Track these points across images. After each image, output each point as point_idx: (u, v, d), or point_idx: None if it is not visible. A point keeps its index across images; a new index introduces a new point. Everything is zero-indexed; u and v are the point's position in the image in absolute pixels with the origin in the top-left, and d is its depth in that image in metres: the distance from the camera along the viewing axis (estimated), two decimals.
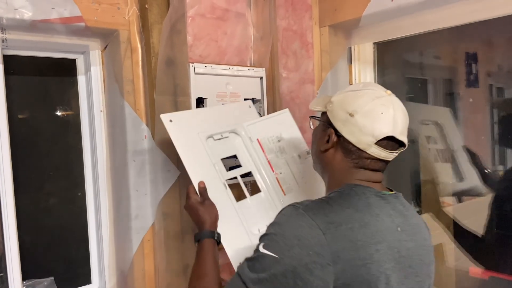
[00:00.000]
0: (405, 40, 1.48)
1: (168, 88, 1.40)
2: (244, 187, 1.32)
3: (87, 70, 1.43)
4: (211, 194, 1.18)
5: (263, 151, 1.38)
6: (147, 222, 1.38)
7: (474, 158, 1.79)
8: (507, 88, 1.87)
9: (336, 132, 0.92)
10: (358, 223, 0.81)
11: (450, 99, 1.99)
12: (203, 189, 1.15)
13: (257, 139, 1.38)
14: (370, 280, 0.78)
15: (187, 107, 1.45)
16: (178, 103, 1.43)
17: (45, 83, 1.44)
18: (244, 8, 1.71)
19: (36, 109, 1.42)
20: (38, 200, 1.42)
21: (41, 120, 1.43)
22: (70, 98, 1.46)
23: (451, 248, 1.76)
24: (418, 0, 1.24)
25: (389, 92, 0.92)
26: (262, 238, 0.84)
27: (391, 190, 0.94)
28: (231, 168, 1.34)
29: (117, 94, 1.36)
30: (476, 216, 1.71)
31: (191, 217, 1.13)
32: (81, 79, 1.45)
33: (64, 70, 1.45)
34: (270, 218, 1.13)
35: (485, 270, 1.61)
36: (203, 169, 1.22)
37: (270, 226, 0.85)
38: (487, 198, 1.66)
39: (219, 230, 1.11)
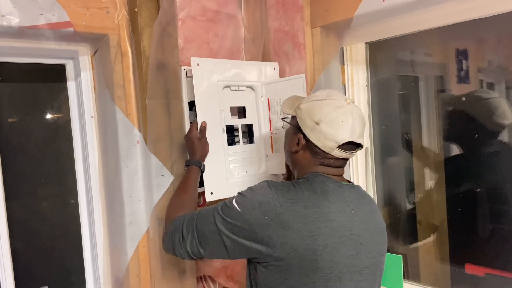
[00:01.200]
0: (397, 39, 1.47)
1: (160, 92, 1.38)
2: (241, 134, 1.52)
3: (77, 75, 1.41)
4: (210, 133, 1.38)
5: (269, 110, 1.54)
6: (142, 228, 1.37)
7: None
8: (497, 83, 1.88)
9: (305, 137, 1.08)
10: (312, 203, 1.00)
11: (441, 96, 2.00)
12: (203, 128, 1.37)
13: (268, 99, 1.54)
14: (315, 248, 0.97)
15: (180, 111, 1.44)
16: (171, 107, 1.41)
17: (34, 89, 1.42)
18: (235, 10, 1.70)
19: (27, 116, 1.40)
20: (30, 208, 1.41)
21: (32, 127, 1.41)
22: (61, 104, 1.44)
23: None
24: (409, 0, 1.23)
25: (348, 100, 1.07)
26: (238, 194, 1.06)
27: (351, 182, 1.13)
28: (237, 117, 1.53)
29: (108, 99, 1.35)
30: None
31: (187, 146, 1.36)
32: (71, 85, 1.43)
33: (53, 76, 1.43)
34: (252, 166, 1.54)
35: (480, 267, 1.62)
36: (210, 112, 1.40)
37: (246, 189, 1.07)
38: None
39: (206, 163, 1.36)
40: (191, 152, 1.34)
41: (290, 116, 1.17)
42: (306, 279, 0.98)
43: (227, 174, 1.44)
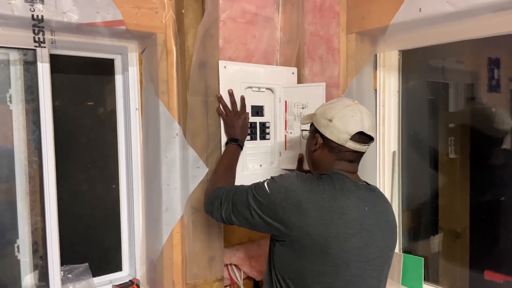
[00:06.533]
0: (430, 47, 1.51)
1: (200, 89, 1.47)
2: (258, 131, 1.66)
3: (125, 69, 1.51)
4: None
5: (286, 111, 1.68)
6: (177, 215, 1.46)
7: None
8: None
9: (321, 135, 1.22)
10: (330, 196, 1.13)
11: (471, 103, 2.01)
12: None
13: (285, 101, 1.68)
14: (327, 236, 1.09)
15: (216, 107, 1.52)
16: (209, 104, 1.50)
17: (85, 80, 1.53)
18: (272, 13, 1.77)
19: (77, 105, 1.51)
20: (76, 191, 1.52)
21: (81, 115, 1.52)
22: (108, 95, 1.54)
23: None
24: (446, 11, 1.26)
25: (356, 102, 1.23)
26: (270, 178, 1.21)
27: (368, 184, 1.25)
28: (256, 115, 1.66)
29: (152, 93, 1.44)
30: None
31: (239, 126, 1.51)
32: (118, 78, 1.54)
33: (103, 69, 1.53)
34: (266, 160, 1.70)
35: (500, 274, 1.65)
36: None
37: (278, 175, 1.21)
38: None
39: None
40: (241, 133, 1.51)
41: (309, 127, 1.32)
42: (317, 261, 1.11)
43: (243, 166, 1.58)
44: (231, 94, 1.52)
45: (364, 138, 1.19)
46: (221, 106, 1.51)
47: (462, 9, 1.24)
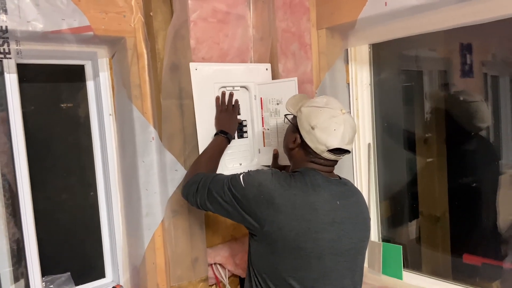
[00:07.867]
0: (400, 38, 1.53)
1: (173, 92, 1.46)
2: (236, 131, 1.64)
3: (96, 75, 1.49)
4: (208, 129, 1.56)
5: (262, 108, 1.69)
6: (157, 219, 1.46)
7: None
8: (502, 76, 1.92)
9: (301, 137, 1.24)
10: (302, 192, 1.16)
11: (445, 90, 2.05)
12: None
13: (261, 98, 1.68)
14: (298, 230, 1.13)
15: (192, 110, 1.52)
16: (183, 106, 1.49)
17: (56, 88, 1.50)
18: (244, 10, 1.76)
19: (49, 113, 1.49)
20: (53, 199, 1.50)
21: (54, 124, 1.50)
22: (81, 102, 1.53)
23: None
24: (411, 4, 1.29)
25: (344, 111, 1.22)
26: (246, 172, 1.26)
27: (340, 178, 1.28)
28: None
29: (125, 98, 1.42)
30: None
31: (228, 120, 1.57)
32: (90, 84, 1.52)
33: (73, 76, 1.51)
34: (245, 158, 1.71)
35: (477, 257, 1.70)
36: (208, 110, 1.57)
37: (254, 170, 1.27)
38: None
39: None
40: (231, 128, 1.56)
41: (292, 115, 1.31)
42: (289, 255, 1.15)
43: (223, 166, 1.59)
44: (223, 95, 1.58)
45: (340, 151, 1.21)
46: (219, 101, 1.57)
47: (426, 1, 1.26)
